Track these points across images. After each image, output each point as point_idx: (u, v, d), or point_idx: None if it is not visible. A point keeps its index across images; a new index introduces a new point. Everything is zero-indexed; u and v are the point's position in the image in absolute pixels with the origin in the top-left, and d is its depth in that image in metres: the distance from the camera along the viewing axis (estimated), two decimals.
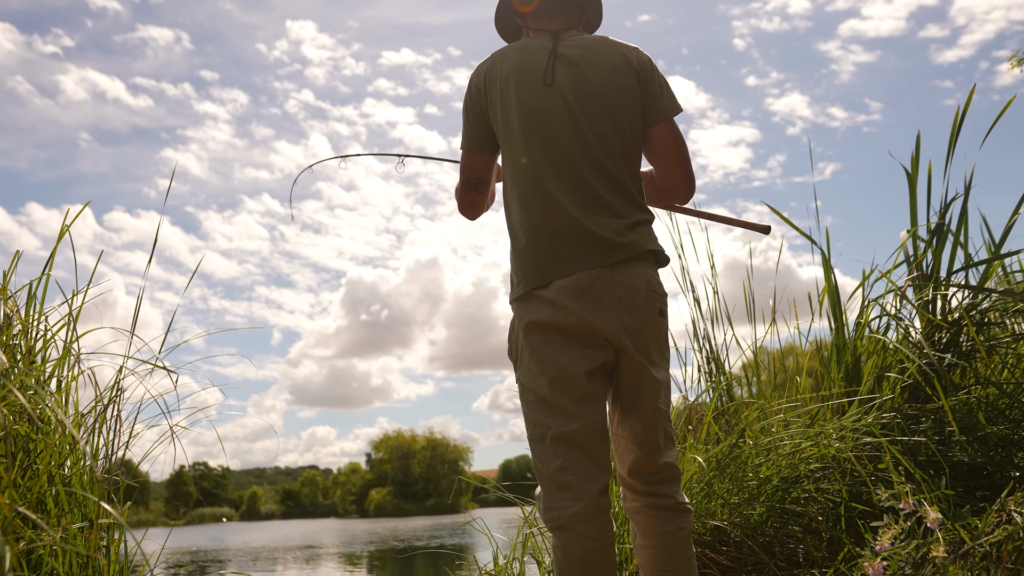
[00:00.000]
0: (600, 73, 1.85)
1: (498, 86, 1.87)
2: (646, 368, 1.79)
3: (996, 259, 3.35)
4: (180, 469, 21.02)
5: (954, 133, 3.34)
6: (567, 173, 1.81)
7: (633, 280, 1.77)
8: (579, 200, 1.80)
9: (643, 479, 1.83)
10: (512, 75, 1.86)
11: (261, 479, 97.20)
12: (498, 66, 1.89)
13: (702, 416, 3.38)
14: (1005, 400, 3.00)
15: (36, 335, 2.10)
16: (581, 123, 1.83)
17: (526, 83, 1.85)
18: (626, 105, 1.85)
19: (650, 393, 1.80)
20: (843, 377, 3.30)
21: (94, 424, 2.04)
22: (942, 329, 3.17)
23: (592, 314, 1.75)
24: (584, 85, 1.84)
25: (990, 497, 2.65)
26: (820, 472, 2.87)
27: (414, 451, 71.06)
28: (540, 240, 1.80)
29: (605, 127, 1.84)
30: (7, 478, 1.66)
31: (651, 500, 1.83)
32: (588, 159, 1.82)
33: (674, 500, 1.83)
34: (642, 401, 1.81)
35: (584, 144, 1.83)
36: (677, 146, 1.90)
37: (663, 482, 1.83)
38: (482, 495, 63.44)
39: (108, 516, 1.90)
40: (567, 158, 1.82)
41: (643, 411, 1.81)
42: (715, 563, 2.72)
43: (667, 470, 1.83)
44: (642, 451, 1.81)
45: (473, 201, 1.99)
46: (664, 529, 1.80)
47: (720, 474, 2.90)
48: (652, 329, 1.80)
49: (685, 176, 1.92)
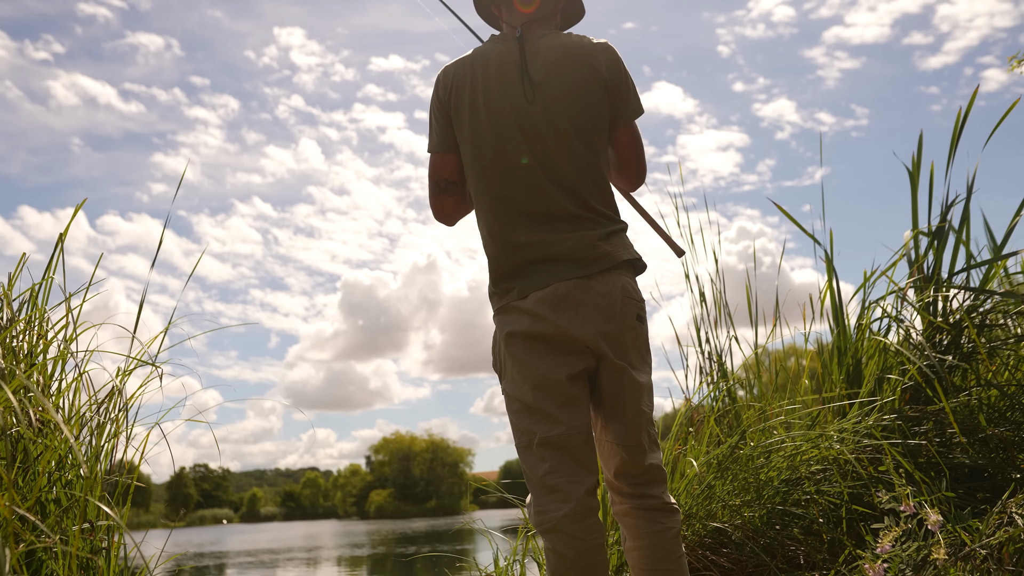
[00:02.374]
0: (568, 93, 1.84)
1: (467, 96, 1.86)
2: (626, 371, 1.81)
3: (998, 259, 3.35)
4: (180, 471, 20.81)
5: (956, 135, 3.34)
6: (537, 190, 1.82)
7: (609, 288, 1.79)
8: (551, 216, 1.82)
9: (629, 481, 1.85)
10: (480, 88, 1.85)
11: (261, 481, 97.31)
12: (466, 72, 1.87)
13: (703, 418, 3.38)
14: (1006, 402, 2.99)
15: (37, 337, 2.10)
16: (549, 139, 1.83)
17: (494, 98, 1.84)
18: (594, 118, 1.86)
19: (632, 396, 1.82)
20: (844, 379, 3.30)
21: (97, 425, 2.04)
22: (943, 331, 3.16)
23: (570, 322, 1.77)
24: (552, 103, 1.83)
25: (991, 499, 2.64)
26: (821, 474, 2.87)
27: (414, 453, 71.06)
28: (512, 258, 1.82)
29: (574, 143, 1.84)
30: (7, 479, 1.66)
31: (638, 501, 1.85)
32: (557, 175, 1.83)
33: (661, 500, 1.85)
34: (624, 404, 1.83)
35: (552, 159, 1.83)
36: (636, 147, 1.96)
37: (649, 483, 1.85)
38: (482, 497, 63.50)
39: (108, 518, 1.90)
40: (536, 175, 1.82)
41: (626, 414, 1.82)
42: (716, 565, 2.72)
43: (652, 471, 1.85)
44: (627, 453, 1.84)
45: (444, 204, 1.96)
46: (653, 529, 1.83)
47: (721, 476, 2.89)
48: (631, 334, 1.82)
49: (639, 172, 1.99)
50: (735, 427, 3.31)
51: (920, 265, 3.34)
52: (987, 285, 3.32)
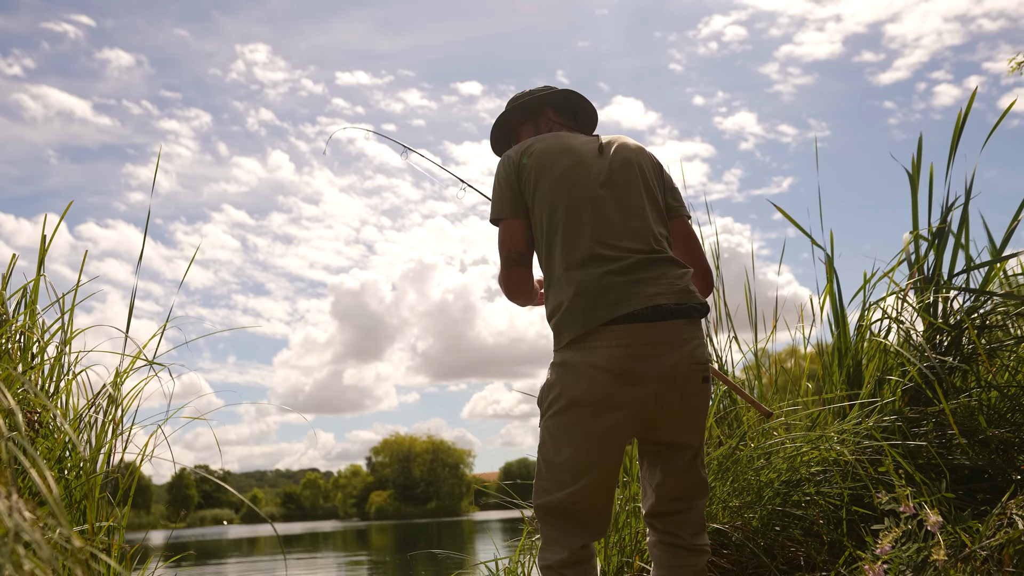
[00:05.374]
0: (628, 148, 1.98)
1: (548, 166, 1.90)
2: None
3: (997, 261, 3.34)
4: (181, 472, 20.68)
5: (955, 137, 3.33)
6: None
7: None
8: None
9: (662, 521, 1.90)
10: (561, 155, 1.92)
11: (262, 482, 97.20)
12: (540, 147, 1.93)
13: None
14: (1007, 403, 2.99)
15: (33, 337, 2.10)
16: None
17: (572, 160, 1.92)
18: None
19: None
20: (844, 380, 3.30)
21: (101, 427, 2.04)
22: (943, 332, 3.16)
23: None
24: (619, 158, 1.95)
25: (991, 500, 2.64)
26: (821, 475, 2.86)
27: (415, 454, 71.02)
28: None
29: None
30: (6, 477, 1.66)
31: (667, 538, 1.90)
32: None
33: (688, 542, 1.88)
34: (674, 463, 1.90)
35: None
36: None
37: (682, 524, 1.89)
38: (483, 498, 63.02)
39: (108, 519, 1.90)
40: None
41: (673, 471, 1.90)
42: (716, 566, 2.71)
43: (689, 515, 1.89)
44: (661, 501, 1.90)
45: (516, 278, 1.93)
46: (675, 563, 1.87)
47: (721, 477, 2.89)
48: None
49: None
50: (735, 428, 3.31)
51: (920, 267, 3.34)
52: (987, 287, 3.32)
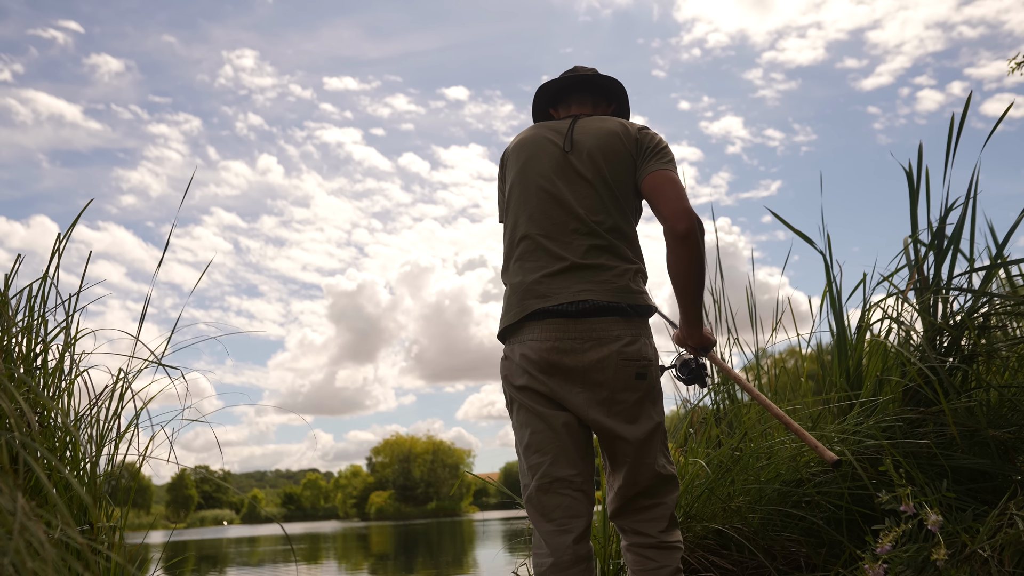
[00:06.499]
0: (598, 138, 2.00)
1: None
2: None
3: (996, 267, 3.34)
4: (182, 472, 20.63)
5: (954, 139, 3.33)
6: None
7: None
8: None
9: (626, 520, 1.90)
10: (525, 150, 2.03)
11: (262, 482, 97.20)
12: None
13: (704, 419, 3.38)
14: (1007, 404, 2.99)
15: (37, 338, 2.10)
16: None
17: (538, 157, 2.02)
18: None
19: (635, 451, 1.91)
20: (844, 380, 3.30)
21: (106, 427, 2.04)
22: (943, 332, 3.16)
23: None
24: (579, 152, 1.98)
25: (991, 501, 2.64)
26: (821, 475, 2.86)
27: (415, 454, 70.98)
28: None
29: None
30: (6, 474, 1.66)
31: (635, 538, 1.88)
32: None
33: (656, 539, 1.86)
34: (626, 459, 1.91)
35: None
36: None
37: (647, 522, 1.87)
38: (483, 498, 62.57)
39: (108, 519, 1.90)
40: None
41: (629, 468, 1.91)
42: (716, 567, 2.71)
43: (655, 511, 1.88)
44: (617, 496, 1.91)
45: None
46: (645, 567, 1.85)
47: (721, 478, 2.89)
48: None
49: None
50: (736, 429, 3.31)
51: (920, 268, 3.34)
52: (987, 288, 3.32)
